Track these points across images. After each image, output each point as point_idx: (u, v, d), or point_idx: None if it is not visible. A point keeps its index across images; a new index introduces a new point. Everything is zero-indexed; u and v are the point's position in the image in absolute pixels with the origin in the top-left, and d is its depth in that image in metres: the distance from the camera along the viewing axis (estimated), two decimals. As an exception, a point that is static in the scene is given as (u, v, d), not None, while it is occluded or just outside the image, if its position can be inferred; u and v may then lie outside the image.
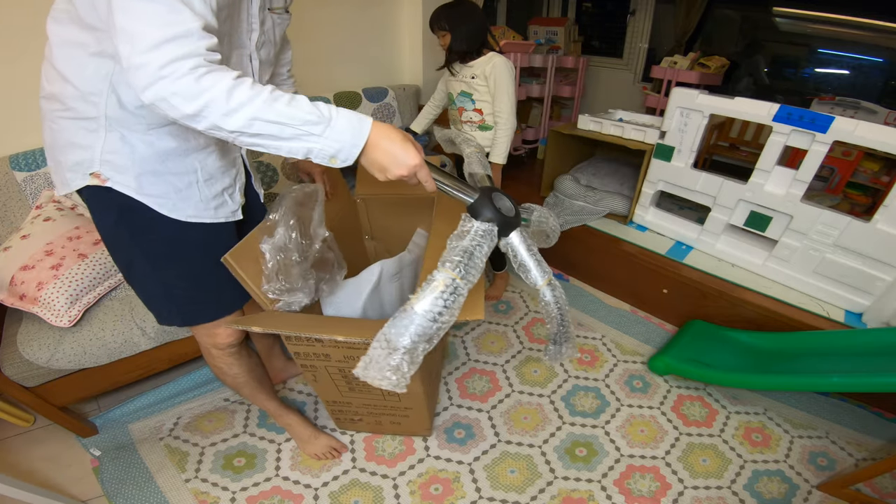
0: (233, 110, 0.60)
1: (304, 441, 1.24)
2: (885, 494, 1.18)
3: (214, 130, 0.62)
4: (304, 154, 0.66)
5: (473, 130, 1.61)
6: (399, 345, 0.60)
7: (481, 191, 0.81)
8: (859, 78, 2.86)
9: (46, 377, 1.13)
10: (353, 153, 0.68)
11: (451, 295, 0.65)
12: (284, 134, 0.63)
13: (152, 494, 1.15)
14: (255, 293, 0.93)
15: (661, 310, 1.82)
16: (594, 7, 3.71)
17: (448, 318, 0.65)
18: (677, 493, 1.18)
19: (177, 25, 0.56)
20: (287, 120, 0.63)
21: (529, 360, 1.61)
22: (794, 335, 1.42)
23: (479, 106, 1.55)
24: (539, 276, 0.84)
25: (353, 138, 0.67)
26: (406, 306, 0.64)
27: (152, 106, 0.58)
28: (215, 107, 0.59)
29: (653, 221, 1.97)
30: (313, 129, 0.64)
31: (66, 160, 0.74)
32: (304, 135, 0.64)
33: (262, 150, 0.67)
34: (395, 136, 0.70)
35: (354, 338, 0.83)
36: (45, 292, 1.10)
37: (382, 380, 0.61)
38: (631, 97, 3.44)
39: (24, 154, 1.35)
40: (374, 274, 1.05)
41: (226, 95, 0.59)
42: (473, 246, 0.70)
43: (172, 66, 0.55)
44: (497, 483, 1.20)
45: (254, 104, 0.60)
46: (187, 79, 0.56)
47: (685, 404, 1.44)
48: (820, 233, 1.47)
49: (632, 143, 1.87)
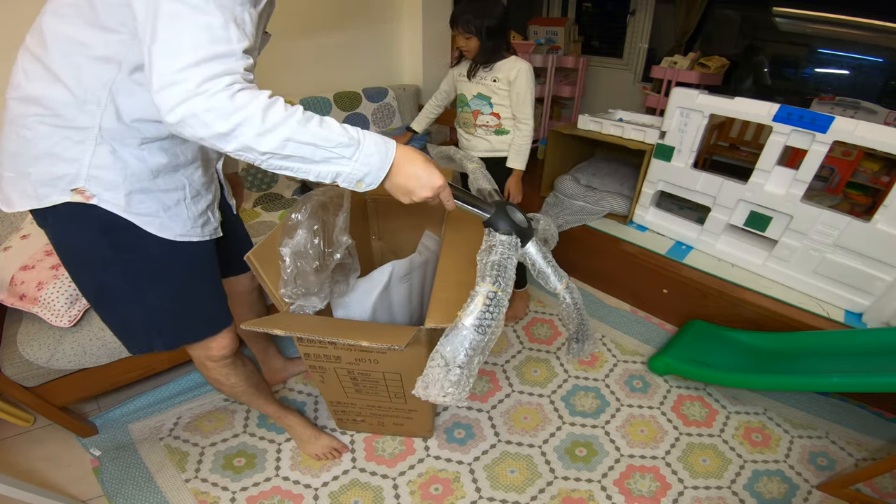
0: (267, 130, 0.57)
1: (304, 441, 1.24)
2: (885, 494, 1.18)
3: (244, 152, 0.59)
4: (332, 178, 0.65)
5: (488, 135, 1.54)
6: (456, 361, 0.63)
7: (496, 205, 0.84)
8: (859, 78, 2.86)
9: (46, 377, 1.13)
10: (380, 177, 0.67)
11: (496, 307, 0.68)
12: (316, 157, 0.62)
13: (152, 494, 1.15)
14: (273, 294, 0.94)
15: (661, 310, 1.82)
16: (594, 7, 3.72)
17: (496, 329, 0.68)
18: (677, 493, 1.18)
19: (225, 44, 0.55)
20: (321, 141, 0.61)
21: (529, 360, 1.61)
22: (794, 335, 1.42)
23: (497, 110, 1.49)
24: (557, 281, 0.88)
25: (381, 162, 0.66)
26: (455, 322, 0.67)
27: (179, 124, 0.55)
28: (250, 126, 0.56)
29: (653, 221, 1.97)
30: (345, 151, 0.63)
31: (40, 172, 0.67)
32: (335, 158, 0.63)
33: (287, 174, 0.64)
34: (418, 158, 0.70)
35: (380, 343, 0.83)
36: (45, 292, 1.10)
37: (445, 396, 0.64)
38: (631, 97, 3.44)
39: (24, 154, 1.34)
40: (384, 274, 1.05)
41: (261, 114, 0.57)
42: (504, 259, 0.74)
43: (210, 84, 0.53)
44: (497, 483, 1.20)
45: (288, 124, 0.59)
46: (222, 95, 0.54)
47: (685, 404, 1.44)
48: (820, 233, 1.47)
49: (632, 143, 1.87)
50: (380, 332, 0.89)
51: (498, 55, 1.42)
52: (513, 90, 1.43)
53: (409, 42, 2.38)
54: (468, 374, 0.64)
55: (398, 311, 1.16)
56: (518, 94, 1.42)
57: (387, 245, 1.53)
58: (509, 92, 1.45)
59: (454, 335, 0.65)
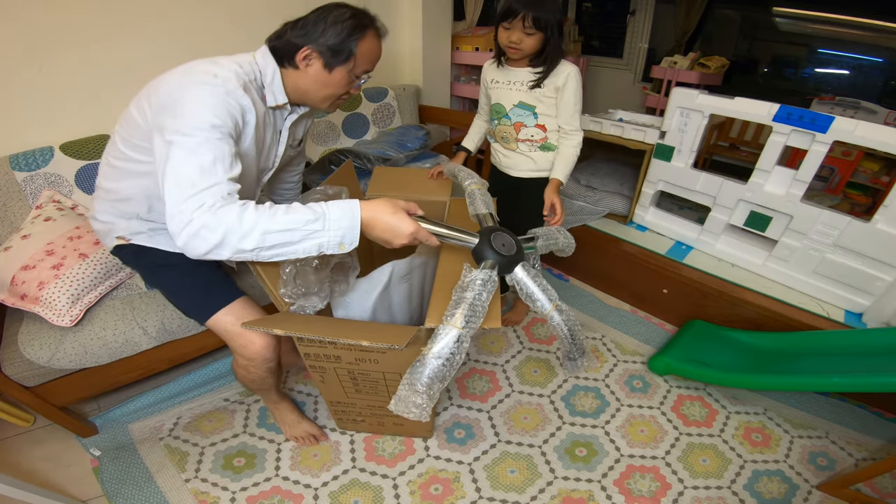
0: (247, 232, 0.71)
1: (287, 424, 1.28)
2: (885, 494, 1.18)
3: (239, 254, 0.73)
4: (317, 250, 0.76)
5: (532, 151, 1.34)
6: (419, 387, 0.74)
7: (481, 234, 0.88)
8: (859, 78, 2.86)
9: (46, 377, 1.13)
10: (355, 235, 0.78)
11: (458, 344, 0.76)
12: (295, 238, 0.74)
13: (152, 494, 1.15)
14: (273, 294, 0.95)
15: (661, 310, 1.82)
16: (594, 7, 3.72)
17: (458, 359, 0.76)
18: (677, 493, 1.18)
19: (211, 177, 0.72)
20: (291, 224, 0.73)
21: (529, 360, 1.61)
22: (794, 335, 1.42)
23: (543, 121, 1.28)
24: (546, 303, 0.90)
25: (350, 222, 0.77)
26: (422, 354, 0.76)
27: (185, 247, 0.72)
28: (232, 233, 0.71)
29: (653, 221, 1.97)
30: (315, 225, 0.74)
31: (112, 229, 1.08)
32: (310, 233, 0.74)
33: (282, 259, 0.77)
34: (384, 210, 0.79)
35: (381, 343, 0.84)
36: (46, 292, 1.10)
37: (409, 413, 0.75)
38: (631, 97, 3.44)
39: (23, 154, 1.34)
40: (384, 275, 1.05)
41: (238, 220, 0.71)
42: (474, 296, 0.79)
43: (200, 210, 0.70)
44: (497, 483, 1.20)
45: (261, 221, 0.72)
46: (208, 215, 0.70)
47: (685, 404, 1.44)
48: (820, 233, 1.47)
49: (632, 143, 1.87)
50: (380, 332, 0.89)
51: (559, 56, 1.20)
52: (562, 98, 1.23)
53: (409, 42, 2.38)
54: (429, 397, 0.74)
55: (398, 311, 1.16)
56: (567, 102, 1.23)
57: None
58: (556, 100, 1.24)
59: (419, 365, 0.75)
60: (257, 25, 1.10)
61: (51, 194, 1.36)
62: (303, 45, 0.89)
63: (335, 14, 0.89)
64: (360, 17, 0.91)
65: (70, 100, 1.45)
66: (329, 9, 0.90)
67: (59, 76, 1.40)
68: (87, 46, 1.42)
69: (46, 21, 1.33)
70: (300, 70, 0.92)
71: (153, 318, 1.21)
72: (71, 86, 1.43)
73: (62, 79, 1.41)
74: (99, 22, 1.42)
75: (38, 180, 1.35)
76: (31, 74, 1.36)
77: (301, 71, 0.92)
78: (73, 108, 1.46)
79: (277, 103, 0.95)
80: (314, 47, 0.89)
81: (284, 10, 1.01)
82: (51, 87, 1.40)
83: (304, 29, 0.89)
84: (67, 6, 1.35)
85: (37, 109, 1.40)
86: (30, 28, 1.31)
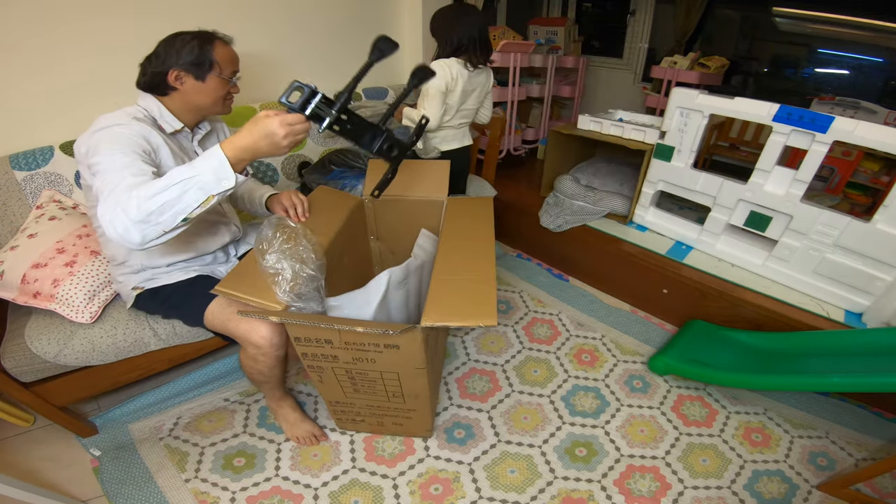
0: (143, 198, 0.77)
1: (290, 423, 1.28)
2: (885, 494, 1.18)
3: (148, 227, 0.78)
4: (204, 195, 0.79)
5: None
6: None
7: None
8: (859, 78, 2.86)
9: (46, 373, 1.13)
10: (226, 166, 0.79)
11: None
12: (176, 193, 0.77)
13: (152, 494, 1.15)
14: (255, 303, 0.93)
15: (661, 310, 1.82)
16: (594, 7, 3.71)
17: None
18: (677, 493, 1.18)
19: (122, 180, 0.81)
20: (171, 180, 0.77)
21: (529, 360, 1.61)
22: (794, 335, 1.42)
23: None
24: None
25: (217, 158, 0.79)
26: None
27: (120, 239, 0.79)
28: (125, 210, 0.77)
29: (653, 221, 1.97)
30: (187, 171, 0.78)
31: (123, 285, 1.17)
32: (188, 179, 0.78)
33: (188, 215, 0.80)
34: (245, 127, 0.81)
35: (376, 329, 0.86)
36: (61, 289, 1.11)
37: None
38: (631, 97, 3.44)
39: (24, 154, 1.34)
40: (382, 284, 1.05)
41: (126, 196, 0.78)
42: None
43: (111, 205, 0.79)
44: (497, 483, 1.20)
45: (146, 186, 0.78)
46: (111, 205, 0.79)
47: (685, 404, 1.44)
48: (820, 233, 1.47)
49: (632, 143, 1.87)
50: (375, 325, 0.90)
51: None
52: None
53: (409, 42, 2.38)
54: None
55: (396, 317, 1.16)
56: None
57: (385, 245, 1.53)
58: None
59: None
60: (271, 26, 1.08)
61: (51, 194, 1.36)
62: (168, 69, 0.98)
63: (180, 39, 0.99)
64: (201, 34, 1.01)
65: (70, 99, 1.45)
66: (171, 38, 1.00)
67: (59, 76, 1.40)
68: (87, 46, 1.42)
69: (46, 21, 1.33)
70: (179, 90, 1.01)
71: (165, 321, 1.22)
72: (71, 85, 1.43)
73: (63, 78, 1.41)
74: (99, 22, 1.42)
75: (38, 180, 1.35)
76: (32, 74, 1.36)
77: (180, 90, 1.01)
78: (73, 107, 1.46)
79: (175, 129, 1.04)
80: (179, 67, 0.98)
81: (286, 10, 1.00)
82: (51, 86, 1.40)
83: (161, 58, 0.98)
84: (68, 6, 1.35)
85: (37, 109, 1.40)
86: (30, 28, 1.31)
